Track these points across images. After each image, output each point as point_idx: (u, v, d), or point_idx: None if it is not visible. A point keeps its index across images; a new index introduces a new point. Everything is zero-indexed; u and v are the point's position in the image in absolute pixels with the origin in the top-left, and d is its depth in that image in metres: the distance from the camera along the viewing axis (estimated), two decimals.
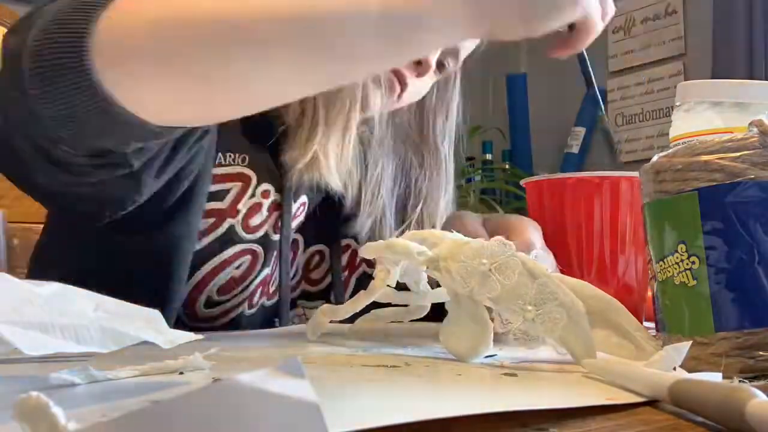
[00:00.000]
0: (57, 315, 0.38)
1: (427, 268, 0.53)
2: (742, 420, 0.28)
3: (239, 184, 0.75)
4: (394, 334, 0.66)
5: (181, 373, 0.42)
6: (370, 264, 0.89)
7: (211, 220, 0.75)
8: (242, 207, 0.76)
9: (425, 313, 0.61)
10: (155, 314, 0.44)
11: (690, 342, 0.42)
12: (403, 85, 0.75)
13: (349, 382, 0.41)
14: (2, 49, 0.52)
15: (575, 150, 3.01)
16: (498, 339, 0.51)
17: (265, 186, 0.77)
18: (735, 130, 0.62)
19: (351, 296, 0.88)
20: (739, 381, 0.40)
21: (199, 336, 0.47)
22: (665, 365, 0.41)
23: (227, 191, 0.75)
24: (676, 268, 0.44)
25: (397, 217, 0.88)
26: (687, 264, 0.43)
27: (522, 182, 0.79)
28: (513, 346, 0.49)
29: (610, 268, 0.73)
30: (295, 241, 0.84)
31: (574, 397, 0.36)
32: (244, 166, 0.75)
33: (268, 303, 0.83)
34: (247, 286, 0.78)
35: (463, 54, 0.80)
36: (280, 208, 0.78)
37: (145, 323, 0.42)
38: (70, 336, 0.38)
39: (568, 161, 3.01)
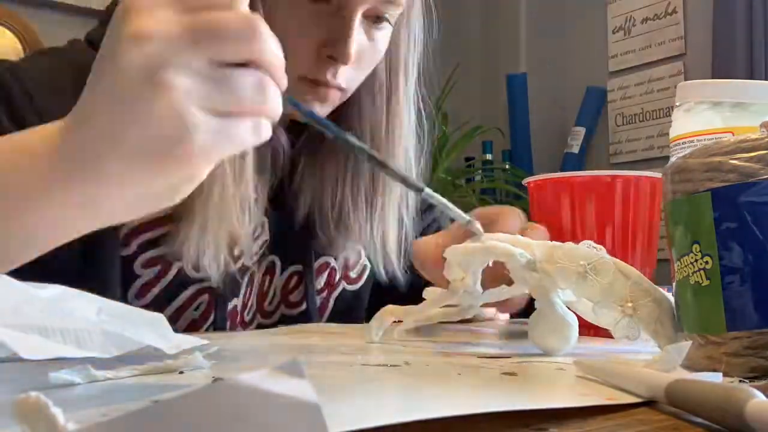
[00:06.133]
0: (57, 318, 0.38)
1: (525, 269, 0.55)
2: (742, 421, 0.28)
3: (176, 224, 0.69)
4: (443, 334, 0.67)
5: (181, 372, 0.42)
6: (351, 281, 0.86)
7: (156, 269, 0.70)
8: None
9: (474, 314, 0.61)
10: (159, 318, 0.43)
11: (690, 342, 0.42)
12: (330, 85, 0.70)
13: (349, 382, 0.41)
14: None
15: (575, 150, 3.01)
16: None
17: None
18: (735, 130, 0.62)
19: (331, 318, 0.84)
20: (739, 381, 0.40)
21: (204, 340, 0.47)
22: (666, 365, 0.41)
23: (163, 235, 0.69)
24: (690, 268, 0.44)
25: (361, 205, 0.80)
26: (701, 264, 0.43)
27: (524, 181, 0.79)
28: (617, 339, 0.52)
29: None
30: (272, 262, 0.80)
31: (574, 397, 0.36)
32: None
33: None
34: (212, 323, 0.75)
35: None
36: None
37: (148, 328, 0.42)
38: (70, 340, 0.38)
39: (568, 161, 3.01)
